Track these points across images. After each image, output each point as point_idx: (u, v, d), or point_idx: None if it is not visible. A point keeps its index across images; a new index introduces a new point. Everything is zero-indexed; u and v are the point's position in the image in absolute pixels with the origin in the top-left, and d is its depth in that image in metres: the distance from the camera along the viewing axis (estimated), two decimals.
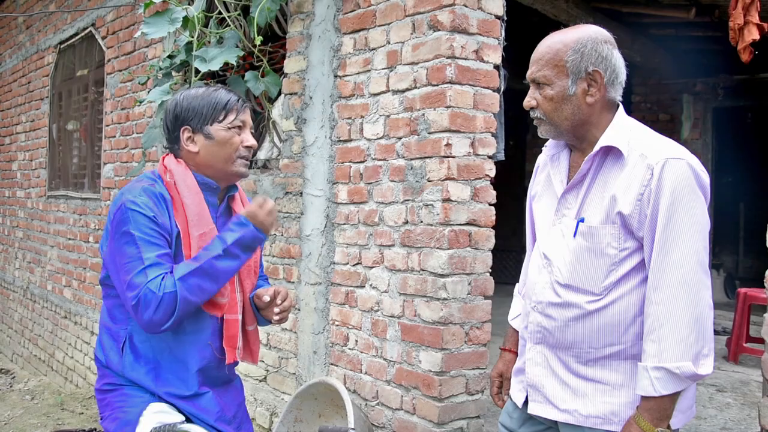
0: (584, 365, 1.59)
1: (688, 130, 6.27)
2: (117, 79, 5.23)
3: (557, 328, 1.61)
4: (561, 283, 1.61)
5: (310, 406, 3.10)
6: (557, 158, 1.71)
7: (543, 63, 1.60)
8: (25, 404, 5.70)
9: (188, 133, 1.78)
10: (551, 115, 1.61)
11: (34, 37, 7.06)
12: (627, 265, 1.54)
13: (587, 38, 1.58)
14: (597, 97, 1.58)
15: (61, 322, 6.13)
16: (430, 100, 2.72)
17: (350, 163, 3.11)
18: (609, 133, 1.57)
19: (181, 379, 1.75)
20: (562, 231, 1.63)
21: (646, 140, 1.56)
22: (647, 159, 1.50)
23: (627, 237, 1.53)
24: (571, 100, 1.58)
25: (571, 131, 1.62)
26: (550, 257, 1.64)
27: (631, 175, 1.51)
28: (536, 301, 1.67)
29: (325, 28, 3.28)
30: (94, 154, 5.81)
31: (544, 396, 1.64)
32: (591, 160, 1.58)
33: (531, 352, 1.69)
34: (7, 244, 7.70)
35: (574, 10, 4.39)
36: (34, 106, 7.05)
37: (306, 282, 3.36)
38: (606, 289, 1.55)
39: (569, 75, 1.57)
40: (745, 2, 3.40)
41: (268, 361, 3.61)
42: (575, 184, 1.62)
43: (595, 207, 1.56)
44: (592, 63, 1.56)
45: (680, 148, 1.55)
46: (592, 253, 1.56)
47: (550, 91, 1.59)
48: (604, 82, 1.57)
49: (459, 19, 2.67)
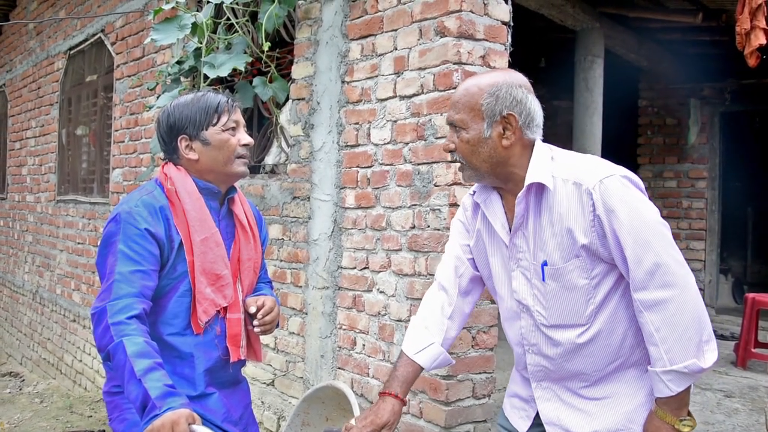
0: (592, 388, 1.63)
1: (695, 135, 6.25)
2: (126, 84, 5.27)
3: (557, 364, 1.64)
4: (546, 324, 1.63)
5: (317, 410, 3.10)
6: (490, 203, 1.70)
7: (460, 107, 1.62)
8: (34, 407, 5.73)
9: (186, 141, 1.79)
10: (469, 158, 1.62)
11: (44, 43, 7.12)
12: (603, 288, 1.56)
13: (502, 82, 1.59)
14: (512, 140, 1.59)
15: (70, 326, 6.17)
16: (437, 105, 2.73)
17: (357, 168, 3.13)
18: (531, 169, 1.58)
19: (188, 379, 1.77)
20: (525, 275, 1.64)
21: (571, 167, 1.57)
22: (582, 185, 1.51)
23: (594, 264, 1.54)
24: (487, 143, 1.59)
25: (491, 173, 1.63)
26: (525, 303, 1.66)
27: (572, 206, 1.53)
28: (528, 344, 1.68)
29: (332, 34, 3.30)
30: (103, 158, 5.85)
31: (563, 428, 1.66)
32: (523, 199, 1.59)
33: (538, 391, 1.71)
34: (17, 248, 7.75)
35: (580, 16, 4.40)
36: (43, 111, 7.10)
37: (313, 286, 3.37)
38: (590, 316, 1.57)
39: (485, 118, 1.59)
40: (752, 7, 3.40)
41: (276, 365, 3.63)
42: (518, 227, 1.62)
43: (551, 247, 1.57)
44: (506, 107, 1.58)
45: (605, 163, 1.57)
46: (566, 290, 1.57)
47: (466, 134, 1.61)
48: (519, 125, 1.59)
49: (466, 25, 2.68)
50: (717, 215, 6.42)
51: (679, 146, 6.32)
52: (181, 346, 1.76)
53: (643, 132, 6.53)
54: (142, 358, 1.52)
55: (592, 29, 4.55)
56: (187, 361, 1.77)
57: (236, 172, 1.82)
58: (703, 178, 6.23)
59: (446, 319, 1.80)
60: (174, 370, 1.74)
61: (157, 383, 1.49)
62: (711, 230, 6.34)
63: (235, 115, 1.82)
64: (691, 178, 6.22)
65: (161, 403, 1.46)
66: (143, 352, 1.53)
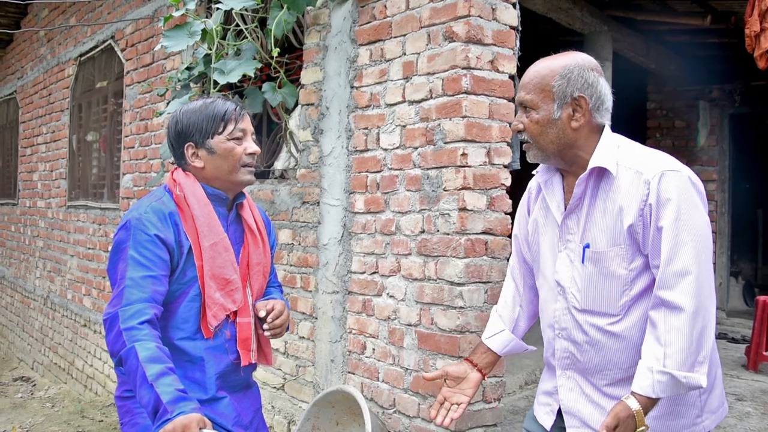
0: (614, 386, 1.62)
1: (705, 137, 6.23)
2: (136, 90, 5.31)
3: (583, 352, 1.64)
4: (578, 308, 1.64)
5: (327, 415, 3.11)
6: (550, 184, 1.73)
7: (530, 87, 1.63)
8: (45, 412, 5.77)
9: (192, 149, 1.81)
10: (537, 139, 1.64)
11: (54, 50, 7.18)
12: (639, 283, 1.56)
13: (574, 65, 1.61)
14: (582, 122, 1.61)
15: (81, 331, 6.20)
16: (446, 110, 2.74)
17: (367, 173, 3.14)
18: (597, 154, 1.59)
19: (199, 383, 1.78)
20: (570, 257, 1.65)
21: (637, 156, 1.58)
22: (643, 175, 1.52)
23: (635, 256, 1.55)
24: (556, 124, 1.61)
25: (557, 155, 1.64)
26: (563, 284, 1.67)
27: (629, 192, 1.53)
28: (559, 328, 1.69)
29: (341, 39, 3.32)
30: (113, 164, 5.89)
31: (581, 420, 1.66)
32: (584, 182, 1.60)
33: (562, 379, 1.71)
34: (28, 253, 7.81)
35: (588, 19, 4.40)
36: (54, 117, 7.16)
37: (323, 291, 3.38)
38: (623, 308, 1.58)
39: (555, 100, 1.60)
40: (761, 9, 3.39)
41: (286, 370, 3.64)
42: (573, 208, 1.64)
43: (599, 231, 1.58)
44: (578, 89, 1.59)
45: (673, 160, 1.58)
46: (603, 276, 1.58)
47: (536, 115, 1.62)
48: (589, 108, 1.60)
49: (474, 30, 2.69)
50: (727, 217, 6.39)
51: (689, 149, 6.29)
52: (191, 350, 1.77)
53: (652, 135, 6.51)
54: (154, 363, 1.54)
55: (600, 32, 4.55)
56: (198, 365, 1.78)
57: (241, 180, 1.84)
58: (712, 180, 6.20)
59: (517, 307, 1.88)
60: (185, 374, 1.76)
61: (168, 388, 1.51)
62: (721, 232, 6.31)
63: (242, 124, 1.83)
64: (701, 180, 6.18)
65: (173, 408, 1.47)
66: (155, 356, 1.55)
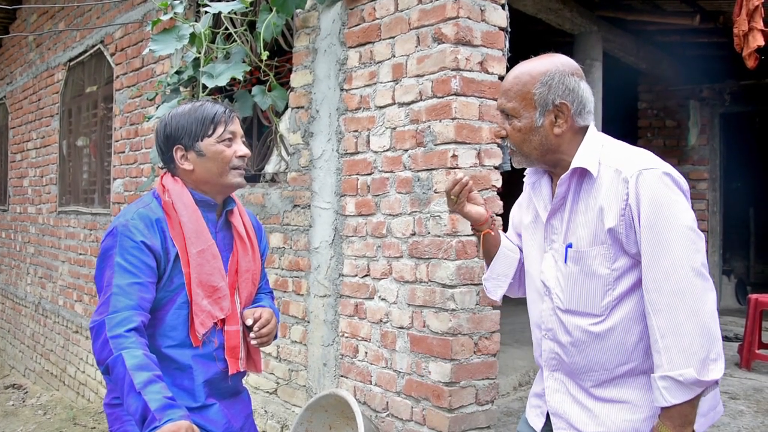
0: (601, 387, 1.61)
1: (696, 137, 6.25)
2: (126, 95, 5.28)
3: (568, 353, 1.63)
4: (562, 309, 1.62)
5: (320, 419, 3.10)
6: (538, 185, 1.73)
7: (511, 95, 1.61)
8: (37, 419, 5.73)
9: (181, 152, 1.79)
10: (521, 146, 1.63)
11: (44, 55, 7.15)
12: (623, 283, 1.54)
13: (555, 71, 1.58)
14: (564, 128, 1.59)
15: (73, 337, 6.16)
16: (436, 112, 2.73)
17: (357, 176, 3.13)
18: (579, 154, 1.58)
19: (188, 391, 1.77)
20: (554, 257, 1.64)
21: (618, 155, 1.56)
22: (622, 173, 1.50)
23: (618, 256, 1.53)
24: (538, 132, 1.59)
25: (541, 160, 1.64)
26: (548, 285, 1.66)
27: (609, 192, 1.52)
28: (546, 328, 1.69)
29: (330, 42, 3.31)
30: (104, 169, 5.86)
31: (567, 422, 1.65)
32: (566, 182, 1.59)
33: (549, 380, 1.70)
34: (19, 259, 7.76)
35: (578, 20, 4.41)
36: (44, 122, 7.12)
37: (315, 294, 3.37)
38: (606, 308, 1.56)
39: (537, 107, 1.58)
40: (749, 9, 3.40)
41: (279, 374, 3.62)
42: (557, 208, 1.63)
43: (581, 230, 1.57)
44: (559, 96, 1.57)
45: (654, 158, 1.55)
46: (585, 276, 1.56)
47: (518, 123, 1.61)
48: (571, 114, 1.59)
49: (463, 31, 2.69)
50: (719, 216, 6.42)
51: (680, 148, 6.32)
52: (179, 358, 1.75)
53: (643, 134, 6.53)
54: (142, 371, 1.52)
55: (590, 33, 4.56)
56: (186, 372, 1.76)
57: (231, 183, 1.82)
58: (704, 179, 6.23)
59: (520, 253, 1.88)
60: (173, 382, 1.74)
61: (156, 395, 1.49)
62: (713, 231, 6.34)
63: (231, 126, 1.81)
64: (692, 179, 6.21)
65: (161, 415, 1.46)
66: (142, 364, 1.53)
